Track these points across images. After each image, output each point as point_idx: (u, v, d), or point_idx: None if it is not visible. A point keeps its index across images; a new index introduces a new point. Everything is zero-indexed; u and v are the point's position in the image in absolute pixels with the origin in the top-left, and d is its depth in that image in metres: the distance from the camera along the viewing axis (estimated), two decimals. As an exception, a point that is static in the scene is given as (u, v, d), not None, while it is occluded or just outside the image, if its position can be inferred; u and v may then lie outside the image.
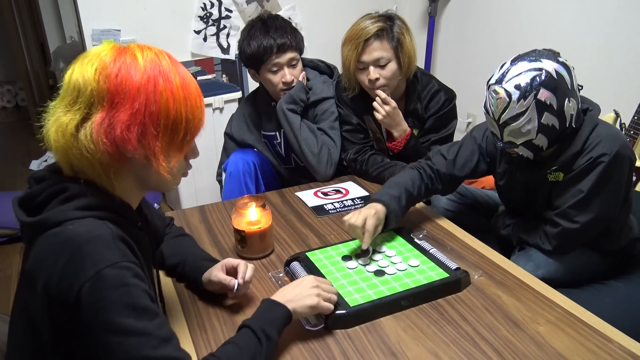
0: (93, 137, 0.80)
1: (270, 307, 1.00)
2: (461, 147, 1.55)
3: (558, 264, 1.39)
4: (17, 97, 5.35)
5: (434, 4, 3.13)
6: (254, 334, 0.93)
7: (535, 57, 1.26)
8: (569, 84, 1.25)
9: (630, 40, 2.19)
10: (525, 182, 1.45)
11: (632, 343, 1.01)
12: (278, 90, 1.84)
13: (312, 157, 1.82)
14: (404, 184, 1.46)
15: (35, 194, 0.85)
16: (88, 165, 0.83)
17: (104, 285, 0.75)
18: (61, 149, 0.82)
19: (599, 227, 1.36)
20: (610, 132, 1.31)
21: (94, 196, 0.84)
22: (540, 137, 1.28)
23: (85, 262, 0.76)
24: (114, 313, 0.75)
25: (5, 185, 3.57)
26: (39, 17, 4.65)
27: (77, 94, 0.81)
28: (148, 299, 0.80)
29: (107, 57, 0.82)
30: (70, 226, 0.79)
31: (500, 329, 1.06)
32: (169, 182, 0.91)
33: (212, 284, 1.14)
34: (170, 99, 0.83)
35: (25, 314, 0.83)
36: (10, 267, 2.58)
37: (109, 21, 2.63)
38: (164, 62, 0.84)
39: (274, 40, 1.76)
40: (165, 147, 0.85)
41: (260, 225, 1.33)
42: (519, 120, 1.26)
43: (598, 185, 1.29)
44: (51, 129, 0.83)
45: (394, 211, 1.38)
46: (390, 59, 1.72)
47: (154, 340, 0.78)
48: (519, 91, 1.23)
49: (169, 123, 0.84)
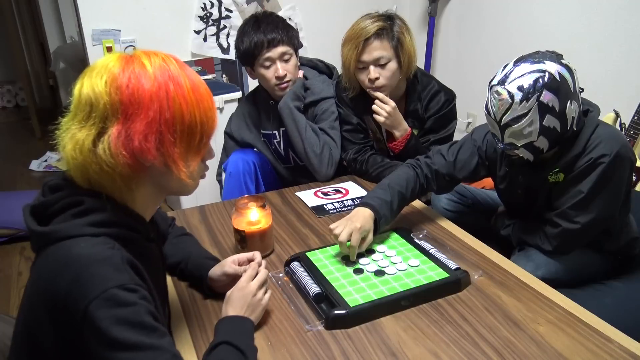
0: (112, 150, 0.79)
1: (237, 321, 1.00)
2: (461, 148, 1.54)
3: (558, 264, 1.39)
4: (17, 97, 5.35)
5: (434, 4, 3.13)
6: (236, 348, 0.92)
7: (539, 58, 1.26)
8: (571, 86, 1.25)
9: (630, 41, 2.19)
10: (526, 185, 1.45)
11: (632, 343, 1.01)
12: (272, 85, 1.84)
13: (314, 157, 1.82)
14: (398, 186, 1.45)
15: (50, 203, 0.84)
16: (108, 179, 0.82)
17: (111, 304, 0.75)
18: (80, 165, 0.81)
19: (599, 227, 1.36)
20: (610, 132, 1.31)
21: (109, 211, 0.83)
22: (541, 139, 1.28)
23: (94, 281, 0.76)
24: (121, 331, 0.75)
25: (5, 186, 3.57)
26: (39, 17, 4.65)
27: (90, 108, 0.80)
28: (154, 320, 0.79)
29: (115, 68, 0.81)
30: (82, 244, 0.79)
31: (500, 329, 1.06)
32: (190, 186, 0.91)
33: (219, 280, 1.14)
34: (183, 104, 0.83)
35: (27, 323, 0.82)
36: (10, 267, 2.58)
37: (109, 21, 2.63)
38: (172, 67, 0.84)
39: (264, 35, 1.77)
40: (183, 153, 0.85)
41: (260, 225, 1.33)
42: (520, 122, 1.25)
43: (598, 186, 1.29)
44: (67, 146, 0.82)
45: (384, 217, 1.37)
46: (391, 59, 1.72)
47: (166, 354, 0.77)
48: (521, 92, 1.23)
49: (184, 128, 0.84)
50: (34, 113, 4.46)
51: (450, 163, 1.52)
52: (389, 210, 1.39)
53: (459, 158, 1.52)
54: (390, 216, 1.40)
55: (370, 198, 1.40)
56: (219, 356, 0.91)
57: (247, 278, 1.06)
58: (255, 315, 1.04)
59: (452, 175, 1.53)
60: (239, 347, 0.92)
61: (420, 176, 1.51)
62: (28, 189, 3.45)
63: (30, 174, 3.77)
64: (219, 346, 0.92)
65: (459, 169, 1.52)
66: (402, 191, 1.45)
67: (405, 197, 1.46)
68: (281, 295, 1.20)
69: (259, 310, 1.05)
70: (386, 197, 1.40)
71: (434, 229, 1.49)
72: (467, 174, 1.53)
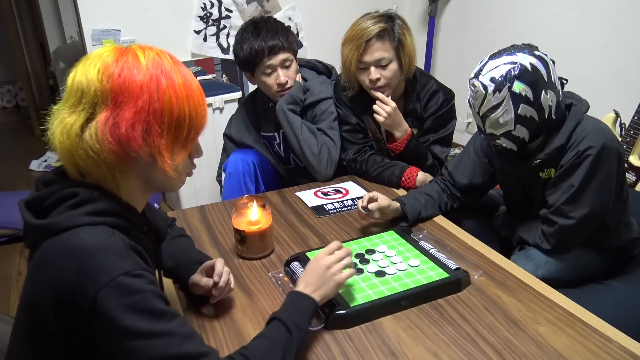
0: (98, 136, 0.80)
1: (297, 298, 1.01)
2: (462, 158, 1.61)
3: (558, 264, 1.39)
4: (17, 97, 5.36)
5: (434, 4, 3.13)
6: (285, 325, 0.94)
7: (512, 51, 1.32)
8: (546, 76, 1.29)
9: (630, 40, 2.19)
10: (520, 179, 1.47)
11: (632, 343, 1.01)
12: (274, 92, 1.84)
13: (312, 157, 1.82)
14: (422, 190, 1.59)
15: (44, 197, 0.84)
16: (94, 165, 0.83)
17: (119, 292, 0.75)
18: (66, 150, 0.83)
19: (595, 221, 1.37)
20: (595, 126, 1.34)
21: (103, 201, 0.84)
22: (519, 129, 1.32)
23: (100, 270, 0.76)
24: (132, 319, 0.75)
25: (5, 185, 3.57)
26: (39, 17, 4.65)
27: (81, 94, 0.82)
28: (163, 303, 0.80)
29: (109, 57, 0.83)
30: (81, 234, 0.79)
31: (500, 329, 1.06)
32: (174, 179, 0.92)
33: (194, 287, 1.14)
34: (173, 97, 0.84)
35: (29, 320, 0.82)
36: (10, 267, 2.58)
37: (109, 21, 2.63)
38: (166, 62, 0.85)
39: (265, 43, 1.76)
40: (170, 145, 0.86)
41: (260, 225, 1.33)
42: (495, 112, 1.31)
43: (588, 178, 1.31)
44: (56, 130, 0.83)
45: (409, 203, 1.49)
46: (392, 60, 1.72)
47: (176, 338, 0.78)
48: (493, 84, 1.29)
49: (172, 120, 0.85)
50: (34, 113, 4.47)
51: (460, 173, 1.59)
52: (415, 201, 1.51)
53: (465, 168, 1.59)
54: (417, 205, 1.51)
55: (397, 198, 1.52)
56: (267, 332, 0.94)
57: (327, 251, 1.08)
58: (324, 289, 1.04)
59: (472, 182, 1.58)
60: (287, 326, 0.93)
61: (442, 185, 1.62)
62: (28, 189, 3.41)
63: (30, 174, 3.77)
64: (272, 321, 0.95)
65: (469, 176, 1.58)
66: (427, 192, 1.57)
67: (432, 197, 1.56)
68: (281, 295, 1.20)
69: (330, 285, 1.05)
70: (413, 194, 1.55)
71: (434, 229, 1.49)
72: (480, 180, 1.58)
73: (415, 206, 1.49)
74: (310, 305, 1.01)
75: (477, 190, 1.61)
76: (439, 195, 1.58)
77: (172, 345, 0.77)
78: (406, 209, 1.47)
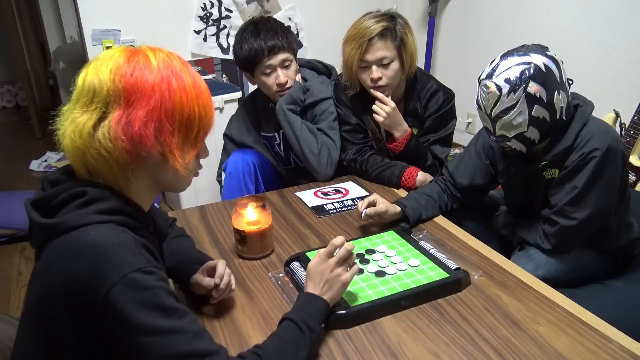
0: (111, 134, 0.81)
1: (310, 299, 1.02)
2: (463, 159, 1.60)
3: (558, 264, 1.39)
4: (17, 97, 5.35)
5: (434, 4, 3.13)
6: (297, 326, 0.95)
7: (524, 51, 1.29)
8: (558, 77, 1.28)
9: (630, 41, 2.19)
10: (524, 180, 1.46)
11: (632, 343, 1.01)
12: (273, 92, 1.84)
13: (312, 157, 1.82)
14: (422, 191, 1.57)
15: (51, 197, 0.84)
16: (105, 165, 0.83)
17: (131, 289, 0.76)
18: (78, 149, 0.83)
19: (597, 223, 1.36)
20: (601, 127, 1.33)
21: (112, 200, 0.85)
22: (531, 130, 1.30)
23: (112, 267, 0.76)
24: (143, 315, 0.76)
25: (5, 186, 3.57)
26: (39, 17, 4.66)
27: (93, 94, 0.83)
28: (174, 300, 0.81)
29: (120, 58, 0.84)
30: (92, 232, 0.80)
31: (500, 329, 1.06)
32: (185, 178, 0.94)
33: (195, 287, 1.14)
34: (183, 97, 0.86)
35: (38, 321, 0.82)
36: (10, 267, 2.58)
37: (109, 21, 2.63)
38: (175, 63, 0.87)
39: (265, 43, 1.76)
40: (180, 144, 0.87)
41: (260, 225, 1.33)
42: (509, 113, 1.29)
43: (592, 180, 1.30)
44: (67, 130, 0.84)
45: (410, 206, 1.48)
46: (394, 59, 1.72)
47: (187, 335, 0.79)
48: (508, 85, 1.26)
49: (183, 120, 0.86)
50: (34, 113, 4.46)
51: (461, 174, 1.58)
52: (416, 203, 1.50)
53: (467, 167, 1.58)
54: (417, 207, 1.50)
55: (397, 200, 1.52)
56: (280, 332, 0.95)
57: (327, 253, 1.08)
58: (333, 291, 1.05)
59: (472, 183, 1.58)
60: (300, 327, 0.94)
61: (442, 185, 1.61)
62: (28, 189, 3.45)
63: (30, 174, 3.77)
64: (284, 322, 0.97)
65: (470, 177, 1.58)
66: (428, 193, 1.56)
67: (433, 198, 1.56)
68: (281, 295, 1.20)
69: (337, 286, 1.05)
70: (414, 196, 1.54)
71: (434, 229, 1.49)
72: (480, 180, 1.58)
73: (417, 208, 1.49)
74: (322, 306, 1.02)
75: (477, 191, 1.61)
76: (440, 196, 1.57)
77: (182, 342, 0.78)
78: (407, 212, 1.46)
